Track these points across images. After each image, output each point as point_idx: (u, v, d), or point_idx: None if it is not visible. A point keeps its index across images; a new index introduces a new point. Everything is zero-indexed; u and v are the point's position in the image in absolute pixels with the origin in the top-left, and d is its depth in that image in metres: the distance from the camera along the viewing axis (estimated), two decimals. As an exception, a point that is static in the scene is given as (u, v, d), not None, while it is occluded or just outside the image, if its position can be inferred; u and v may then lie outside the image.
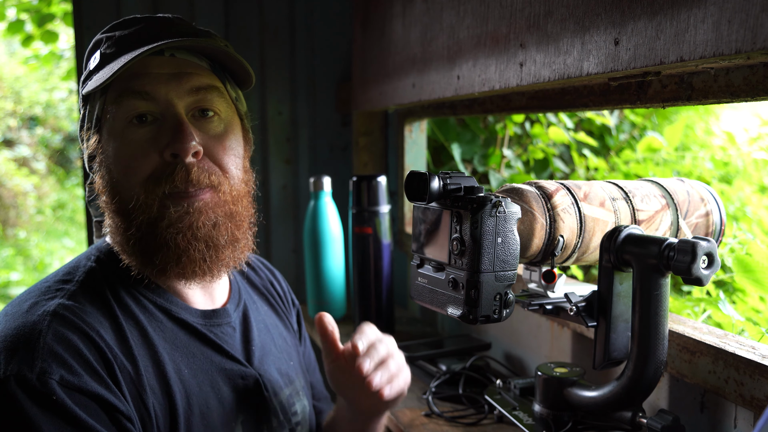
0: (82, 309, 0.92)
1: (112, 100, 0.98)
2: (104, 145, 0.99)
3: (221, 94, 1.03)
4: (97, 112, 0.99)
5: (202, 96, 1.00)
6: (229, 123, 1.03)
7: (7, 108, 8.01)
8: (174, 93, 0.97)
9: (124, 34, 1.00)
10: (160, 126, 0.97)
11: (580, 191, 0.99)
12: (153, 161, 0.96)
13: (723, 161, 3.11)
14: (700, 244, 0.86)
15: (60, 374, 0.84)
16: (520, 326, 1.53)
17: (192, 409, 0.96)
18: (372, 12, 1.92)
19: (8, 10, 4.06)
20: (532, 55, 1.11)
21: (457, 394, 1.38)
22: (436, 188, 0.88)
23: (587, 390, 1.06)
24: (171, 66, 0.98)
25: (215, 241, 0.98)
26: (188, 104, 0.99)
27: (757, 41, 0.71)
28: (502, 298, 0.88)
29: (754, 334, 1.49)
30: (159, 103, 0.97)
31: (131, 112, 0.97)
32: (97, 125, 1.00)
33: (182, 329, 1.02)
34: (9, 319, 0.90)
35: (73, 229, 7.82)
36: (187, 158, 0.95)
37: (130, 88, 0.96)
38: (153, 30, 1.00)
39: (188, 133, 0.96)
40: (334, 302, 1.94)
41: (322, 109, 2.31)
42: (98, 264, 1.01)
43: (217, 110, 1.01)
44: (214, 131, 1.01)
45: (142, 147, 0.96)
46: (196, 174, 0.96)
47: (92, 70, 1.01)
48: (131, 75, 0.97)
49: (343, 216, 2.01)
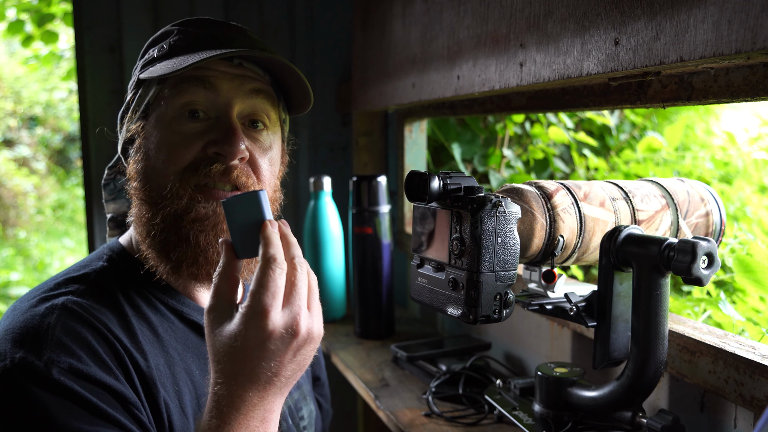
0: (92, 306, 0.91)
1: (171, 86, 0.98)
2: (149, 130, 0.99)
3: (275, 106, 1.04)
4: (149, 98, 1.00)
5: (259, 101, 1.00)
6: (275, 139, 1.05)
7: (7, 108, 8.02)
8: (234, 91, 0.98)
9: (198, 33, 1.01)
10: (211, 125, 0.98)
11: (580, 191, 0.99)
12: (194, 152, 0.96)
13: (723, 161, 3.11)
14: (700, 244, 0.86)
15: (68, 363, 0.83)
16: (520, 326, 1.52)
17: (201, 408, 0.96)
18: (372, 12, 1.92)
19: (8, 10, 4.06)
20: (532, 55, 1.11)
21: (457, 394, 1.38)
22: (436, 188, 0.88)
23: (587, 390, 1.06)
24: (237, 70, 1.00)
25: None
26: (244, 109, 1.00)
27: (757, 41, 0.71)
28: (502, 298, 0.88)
29: (755, 334, 1.48)
30: (218, 97, 0.97)
31: (188, 101, 0.97)
32: (145, 111, 1.00)
33: (193, 331, 1.02)
34: (17, 314, 0.90)
35: (73, 229, 7.82)
36: (233, 161, 0.96)
37: (194, 75, 0.97)
38: (227, 35, 1.01)
39: (240, 138, 0.96)
40: (334, 302, 1.94)
41: (322, 109, 2.32)
42: (110, 263, 1.00)
43: (267, 122, 1.02)
44: (261, 143, 1.02)
45: (189, 138, 0.97)
46: (236, 173, 0.97)
47: (158, 56, 1.01)
48: (198, 69, 0.97)
49: (343, 216, 2.01)
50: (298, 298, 0.81)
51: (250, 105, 1.00)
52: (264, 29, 2.23)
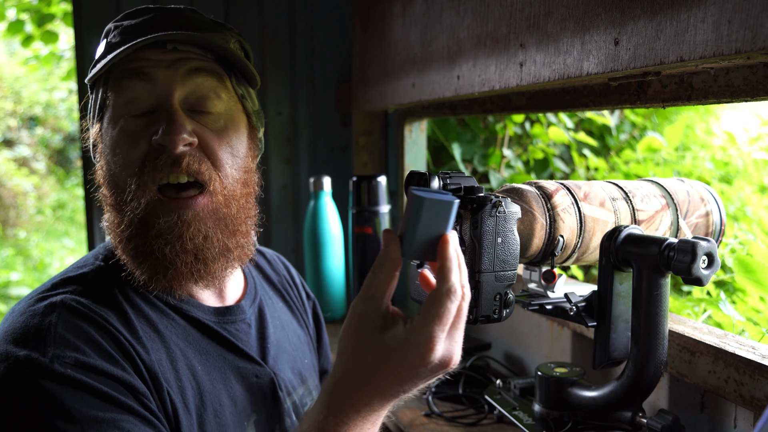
0: (92, 304, 0.91)
1: (111, 86, 0.96)
2: (104, 134, 0.98)
3: (222, 82, 0.99)
4: (99, 101, 0.98)
5: (201, 80, 0.96)
6: (230, 119, 1.00)
7: (7, 108, 8.02)
8: (171, 77, 0.95)
9: (131, 24, 0.98)
10: (154, 118, 0.95)
11: (580, 191, 0.99)
12: (142, 150, 0.94)
13: (723, 161, 3.11)
14: (700, 244, 0.86)
15: (74, 357, 0.82)
16: (520, 326, 1.52)
17: (205, 406, 0.95)
18: (372, 12, 1.92)
19: (8, 10, 4.06)
20: (532, 55, 1.11)
21: (457, 394, 1.38)
22: (436, 188, 0.88)
23: (587, 390, 1.06)
24: (171, 55, 0.96)
25: (204, 254, 0.95)
26: (186, 92, 0.96)
27: (757, 41, 0.71)
28: (502, 298, 0.88)
29: (755, 334, 1.48)
30: (156, 87, 0.95)
31: (129, 99, 0.95)
32: (99, 114, 0.99)
33: (194, 327, 1.01)
34: (15, 315, 0.89)
35: (73, 229, 7.82)
36: (177, 149, 0.92)
37: (129, 69, 0.95)
38: (160, 21, 0.98)
39: (179, 124, 0.93)
40: (334, 302, 1.94)
41: (322, 109, 2.32)
42: (106, 262, 0.99)
43: (215, 101, 0.98)
44: (212, 125, 0.97)
45: (134, 137, 0.94)
46: (186, 162, 0.93)
47: (97, 58, 0.99)
48: (132, 61, 0.95)
49: (343, 216, 2.01)
50: (458, 332, 0.78)
51: (191, 86, 0.96)
52: (264, 29, 2.24)
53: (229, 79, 1.01)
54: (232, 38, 1.03)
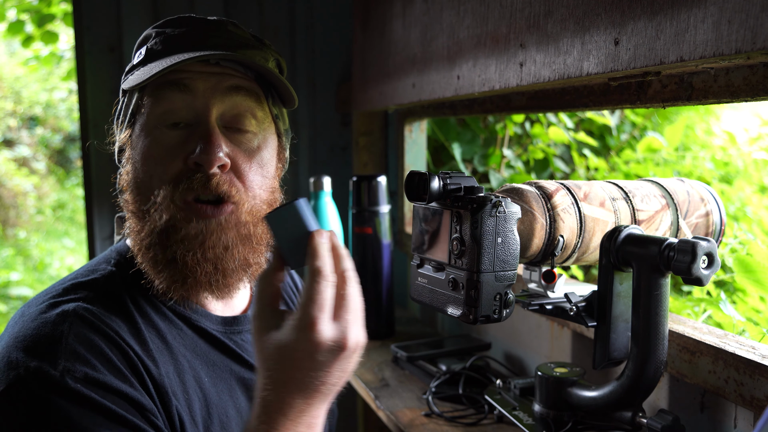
0: (102, 313, 0.90)
1: (149, 93, 0.96)
2: (134, 140, 0.98)
3: (260, 103, 1.00)
4: (133, 107, 0.98)
5: (240, 99, 0.97)
6: (264, 139, 1.00)
7: (7, 108, 8.02)
8: (211, 91, 0.95)
9: (174, 34, 0.98)
10: (191, 133, 0.95)
11: (580, 191, 0.99)
12: (176, 166, 0.94)
13: (723, 161, 3.11)
14: (700, 244, 0.86)
15: (84, 372, 0.83)
16: (520, 326, 1.52)
17: (212, 418, 0.95)
18: (372, 12, 1.92)
19: (8, 10, 4.06)
20: (532, 55, 1.11)
21: (457, 394, 1.38)
22: (436, 188, 0.88)
23: (587, 390, 1.06)
24: (214, 69, 0.97)
25: (224, 264, 0.95)
26: (224, 109, 0.96)
27: (757, 41, 0.71)
28: (502, 298, 0.88)
29: (755, 334, 1.48)
30: (196, 100, 0.95)
31: (166, 109, 0.95)
32: (131, 119, 0.99)
33: (202, 337, 1.01)
34: (27, 320, 0.89)
35: (73, 229, 7.82)
36: (212, 170, 0.93)
37: (169, 80, 0.95)
38: (204, 33, 0.98)
39: (216, 144, 0.93)
40: (334, 302, 1.93)
41: (322, 109, 2.32)
42: (118, 268, 0.99)
43: (252, 121, 0.98)
44: (246, 146, 0.98)
45: (170, 151, 0.95)
46: (216, 182, 0.93)
47: (136, 64, 0.99)
48: (173, 72, 0.95)
49: (343, 216, 2.01)
50: (347, 312, 0.80)
51: (230, 104, 0.97)
52: (264, 29, 2.23)
53: (266, 100, 1.02)
54: (271, 57, 1.03)
